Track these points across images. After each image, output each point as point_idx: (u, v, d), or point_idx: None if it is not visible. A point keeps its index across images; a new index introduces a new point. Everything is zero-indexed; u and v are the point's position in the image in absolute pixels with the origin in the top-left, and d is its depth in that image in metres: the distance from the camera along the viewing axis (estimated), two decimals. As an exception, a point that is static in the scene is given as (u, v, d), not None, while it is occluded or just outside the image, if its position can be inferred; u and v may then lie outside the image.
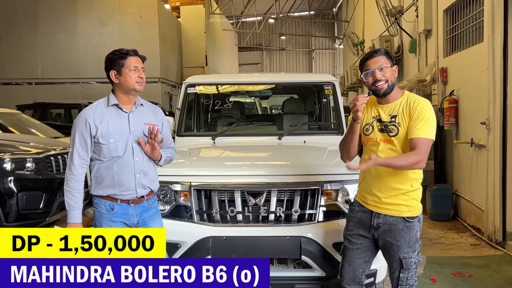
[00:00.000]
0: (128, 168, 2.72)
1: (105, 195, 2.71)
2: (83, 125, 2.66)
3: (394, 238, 2.59)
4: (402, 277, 2.61)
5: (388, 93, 2.59)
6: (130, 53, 2.72)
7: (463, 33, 6.49)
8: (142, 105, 2.85)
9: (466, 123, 6.23)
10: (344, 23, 21.26)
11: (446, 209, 6.53)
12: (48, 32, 15.64)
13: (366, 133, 2.69)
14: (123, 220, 2.74)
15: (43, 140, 6.33)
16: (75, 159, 2.65)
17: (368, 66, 2.59)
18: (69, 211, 2.65)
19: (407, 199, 2.58)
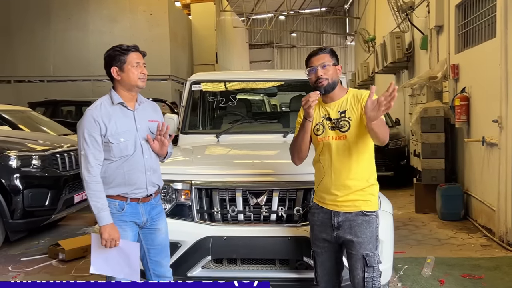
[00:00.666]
0: (138, 166, 2.70)
1: (115, 195, 2.67)
2: (92, 125, 2.59)
3: (355, 234, 2.56)
4: (367, 277, 2.54)
5: (328, 90, 2.61)
6: (131, 49, 2.67)
7: (475, 29, 6.35)
8: (143, 102, 2.83)
9: (478, 121, 6.09)
10: (355, 20, 21.08)
11: (457, 209, 6.40)
12: (60, 29, 15.75)
13: (317, 133, 2.67)
14: (133, 219, 2.73)
15: (50, 138, 6.34)
16: (91, 160, 2.58)
17: (311, 63, 2.63)
18: (99, 214, 2.59)
19: (363, 194, 2.58)
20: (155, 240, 2.84)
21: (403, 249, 5.15)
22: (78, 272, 4.58)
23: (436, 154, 6.83)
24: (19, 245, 5.45)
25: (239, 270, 3.14)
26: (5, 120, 7.43)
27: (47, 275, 4.55)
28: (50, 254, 5.04)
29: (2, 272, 4.62)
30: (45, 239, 5.72)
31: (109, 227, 2.59)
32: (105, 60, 2.69)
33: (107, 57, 2.68)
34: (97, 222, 2.61)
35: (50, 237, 5.82)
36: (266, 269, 3.14)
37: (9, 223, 4.87)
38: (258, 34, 28.93)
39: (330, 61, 2.62)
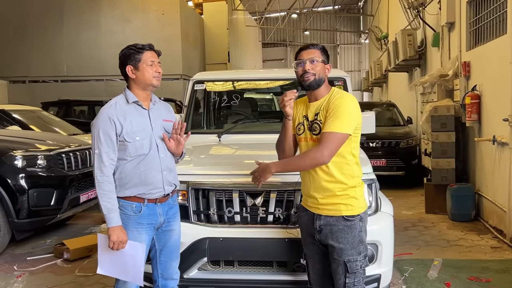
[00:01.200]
0: (154, 165, 2.67)
1: (132, 196, 2.64)
2: (107, 124, 2.57)
3: (336, 240, 2.49)
4: (348, 282, 2.49)
5: (313, 87, 2.54)
6: (146, 48, 2.66)
7: (486, 25, 6.20)
8: (157, 102, 2.82)
9: (489, 120, 5.95)
10: (369, 17, 20.86)
11: (468, 210, 6.26)
12: (72, 30, 15.90)
13: (298, 132, 2.66)
14: (150, 221, 2.69)
15: (58, 138, 6.38)
16: (105, 160, 2.56)
17: (301, 56, 2.58)
18: (108, 215, 2.55)
19: (344, 197, 2.50)
20: (169, 241, 2.81)
21: (411, 251, 5.06)
22: (82, 271, 4.59)
23: (446, 154, 6.70)
24: (26, 244, 5.50)
25: (236, 272, 3.10)
26: (15, 120, 7.52)
27: (52, 274, 4.57)
28: (55, 254, 5.07)
29: (8, 271, 4.66)
30: (52, 238, 5.76)
31: (118, 229, 2.56)
32: (120, 59, 2.68)
33: (122, 56, 2.67)
34: (106, 223, 2.58)
35: (57, 236, 5.86)
36: (263, 271, 3.09)
37: (15, 222, 4.91)
38: (271, 33, 28.85)
39: (319, 57, 2.56)
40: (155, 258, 2.83)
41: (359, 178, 2.58)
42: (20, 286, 4.26)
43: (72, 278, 4.44)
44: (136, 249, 2.63)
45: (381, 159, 8.71)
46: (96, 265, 4.70)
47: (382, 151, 8.74)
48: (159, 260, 2.83)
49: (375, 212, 3.13)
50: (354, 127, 2.48)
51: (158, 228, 2.76)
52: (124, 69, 2.66)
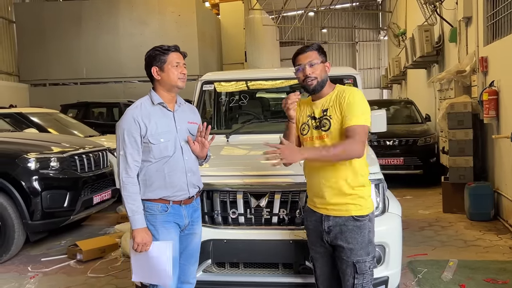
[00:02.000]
0: (179, 167, 2.66)
1: (157, 198, 2.62)
2: (132, 125, 2.56)
3: (346, 240, 2.45)
4: (356, 283, 2.44)
5: (317, 90, 2.53)
6: (171, 49, 2.66)
7: (504, 19, 6.02)
8: (182, 104, 2.81)
9: (508, 116, 5.77)
10: (388, 14, 20.57)
11: (486, 209, 6.10)
12: (91, 33, 16.14)
13: (303, 133, 2.63)
14: (176, 221, 2.67)
15: (73, 140, 6.46)
16: (130, 162, 2.56)
17: (299, 61, 2.55)
18: (133, 217, 2.54)
19: (353, 197, 2.46)
20: (190, 244, 2.78)
21: (426, 251, 4.95)
22: (94, 273, 4.63)
23: (463, 152, 6.54)
24: (41, 245, 5.59)
25: (242, 274, 3.07)
26: (32, 123, 7.65)
27: (64, 275, 4.62)
28: (69, 255, 5.13)
29: (22, 272, 4.73)
30: (67, 239, 5.84)
31: (142, 231, 2.55)
32: (145, 61, 2.67)
33: (147, 57, 2.66)
34: (131, 225, 2.56)
35: (72, 237, 5.93)
36: (269, 274, 3.05)
37: (29, 224, 4.98)
38: (288, 32, 28.72)
39: (318, 59, 2.53)
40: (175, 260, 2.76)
41: (367, 176, 2.54)
42: (32, 287, 4.32)
43: (84, 279, 4.48)
44: (162, 249, 2.59)
45: (398, 157, 8.56)
46: (108, 266, 4.78)
47: (400, 149, 8.59)
48: (178, 263, 2.76)
49: (382, 213, 3.06)
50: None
51: (182, 230, 2.73)
52: (149, 70, 2.65)
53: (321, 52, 2.58)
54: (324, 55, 2.58)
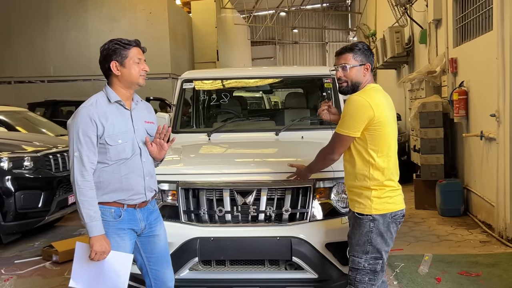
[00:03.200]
0: (136, 170, 2.52)
1: (111, 201, 2.47)
2: (88, 125, 2.37)
3: (349, 233, 2.65)
4: (350, 275, 2.59)
5: (347, 92, 2.63)
6: (132, 44, 2.50)
7: (472, 22, 6.24)
8: (139, 102, 2.66)
9: (477, 115, 5.99)
10: (357, 15, 20.92)
11: (457, 205, 6.31)
12: (59, 29, 15.74)
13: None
14: (131, 227, 2.54)
15: (45, 139, 6.31)
16: (86, 164, 2.37)
17: (335, 62, 2.66)
18: (90, 223, 2.36)
19: (360, 195, 2.56)
20: (155, 247, 2.66)
21: (401, 247, 5.09)
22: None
23: (435, 150, 6.74)
24: (14, 247, 5.43)
25: (228, 272, 3.09)
26: (0, 122, 7.40)
27: (40, 277, 4.51)
28: (44, 256, 5.01)
29: (-5, 275, 4.59)
30: (41, 241, 5.69)
31: (101, 238, 2.37)
32: (102, 54, 2.50)
33: (105, 50, 2.49)
34: (87, 232, 2.39)
35: (45, 238, 5.79)
36: (255, 270, 3.08)
37: (1, 225, 4.85)
38: (259, 31, 28.78)
39: (351, 62, 2.57)
40: (144, 266, 2.68)
41: (378, 181, 2.52)
42: (8, 289, 4.21)
43: (61, 281, 4.39)
44: (123, 260, 2.47)
45: (370, 156, 8.70)
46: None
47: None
48: (150, 269, 2.67)
49: None
50: (358, 128, 2.47)
51: (140, 234, 2.61)
52: (107, 64, 2.47)
53: (359, 53, 2.58)
54: (363, 56, 2.58)
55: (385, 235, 2.52)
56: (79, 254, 2.49)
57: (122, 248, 2.49)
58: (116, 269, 2.46)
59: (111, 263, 2.44)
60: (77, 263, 2.49)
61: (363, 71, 2.58)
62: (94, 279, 2.47)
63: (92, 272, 2.46)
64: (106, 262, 2.42)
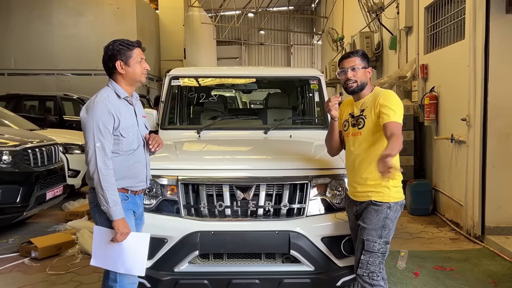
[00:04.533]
0: (141, 160, 2.77)
1: (120, 188, 2.65)
2: (107, 117, 2.57)
3: (363, 220, 2.77)
4: (363, 259, 2.74)
5: (356, 92, 2.86)
6: (135, 45, 2.71)
7: (444, 31, 6.58)
8: (137, 98, 2.87)
9: (446, 119, 6.32)
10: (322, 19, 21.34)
11: (426, 204, 6.63)
12: (21, 21, 15.18)
13: (344, 129, 2.98)
14: (134, 208, 2.76)
15: (19, 132, 6.12)
16: (108, 153, 2.56)
17: (343, 65, 2.87)
18: (114, 208, 2.53)
19: (376, 186, 2.74)
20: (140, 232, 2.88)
21: (377, 243, 5.29)
22: (53, 270, 4.47)
23: (406, 151, 7.04)
24: (-14, 244, 5.27)
25: (226, 265, 3.15)
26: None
27: (20, 273, 4.41)
28: (21, 252, 4.89)
29: (-28, 272, 4.45)
30: (15, 237, 5.54)
31: (123, 220, 2.58)
32: (106, 53, 2.67)
33: (109, 50, 2.66)
34: (111, 216, 2.54)
35: (19, 235, 5.64)
36: (253, 263, 3.16)
37: (-22, 220, 4.69)
38: (226, 31, 28.83)
39: (360, 64, 2.84)
40: None
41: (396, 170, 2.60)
42: (-11, 286, 4.09)
43: (44, 277, 4.31)
44: (141, 239, 2.67)
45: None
46: (67, 263, 4.62)
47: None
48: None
49: None
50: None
51: (136, 218, 2.81)
52: (112, 63, 2.66)
53: (364, 58, 2.89)
54: (367, 61, 2.89)
55: (395, 221, 2.80)
56: (97, 236, 2.64)
57: (130, 226, 2.67)
58: (135, 249, 2.64)
59: (130, 243, 2.62)
60: (96, 245, 2.65)
61: (367, 74, 2.88)
62: (114, 258, 2.63)
63: (112, 252, 2.62)
64: (126, 242, 2.60)
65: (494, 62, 5.16)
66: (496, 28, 5.14)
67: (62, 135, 7.71)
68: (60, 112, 10.98)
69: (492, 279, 4.21)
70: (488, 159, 5.23)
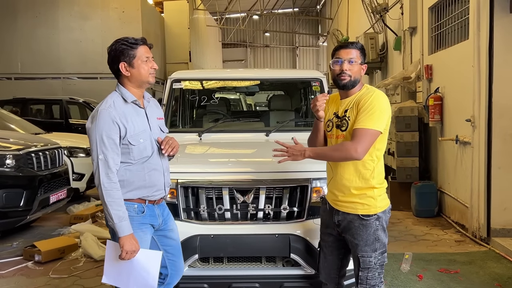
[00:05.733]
0: (157, 167, 2.60)
1: (136, 198, 2.53)
2: (111, 127, 2.40)
3: (352, 235, 2.56)
4: (361, 275, 2.57)
5: (348, 87, 2.57)
6: (139, 42, 2.50)
7: (448, 31, 6.53)
8: (150, 99, 2.70)
9: (451, 120, 6.27)
10: (328, 21, 21.30)
11: (431, 206, 6.57)
12: (27, 25, 15.32)
13: (327, 129, 2.70)
14: (151, 222, 2.60)
15: (23, 136, 6.16)
16: (111, 165, 2.40)
17: (339, 54, 2.57)
18: (119, 223, 2.38)
19: (362, 197, 2.53)
20: (171, 240, 2.76)
21: (381, 246, 5.24)
22: (56, 273, 4.47)
23: (410, 153, 6.99)
24: (-9, 247, 5.29)
25: (226, 269, 3.14)
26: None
27: (23, 277, 4.42)
28: (25, 256, 4.90)
29: (-25, 275, 4.47)
30: (19, 241, 5.55)
31: (131, 237, 2.42)
32: (110, 55, 2.50)
33: (112, 51, 2.49)
34: (116, 232, 2.41)
35: (23, 238, 5.65)
36: (253, 267, 3.15)
37: (-18, 224, 4.71)
38: (231, 33, 28.86)
39: (358, 59, 2.56)
40: (164, 259, 2.73)
41: (380, 179, 2.57)
42: (-8, 290, 4.10)
43: (46, 281, 4.32)
44: (152, 257, 2.53)
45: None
46: (70, 267, 4.63)
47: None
48: (168, 260, 2.75)
49: None
50: (385, 125, 2.50)
51: (157, 229, 2.68)
52: (116, 66, 2.49)
53: (362, 53, 2.61)
54: (364, 57, 2.61)
55: (386, 228, 2.61)
56: (110, 252, 2.53)
57: (144, 242, 2.55)
58: (146, 267, 2.51)
59: (141, 261, 2.49)
60: (108, 260, 2.54)
61: (361, 71, 2.61)
62: (125, 276, 2.52)
63: (123, 269, 2.51)
64: (136, 260, 2.47)
65: (498, 62, 5.11)
66: (501, 28, 5.09)
67: (67, 139, 7.75)
68: (66, 115, 11.06)
69: (498, 282, 4.16)
70: (493, 160, 5.17)
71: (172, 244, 2.77)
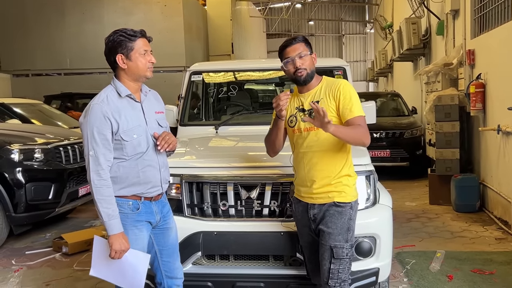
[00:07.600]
0: (153, 163, 2.51)
1: (130, 195, 2.46)
2: (102, 122, 2.33)
3: (326, 225, 2.51)
4: (333, 268, 2.47)
5: (308, 81, 2.57)
6: (138, 35, 2.43)
7: (491, 12, 6.05)
8: (148, 92, 2.60)
9: (494, 109, 5.82)
10: (374, 6, 20.61)
11: (472, 200, 6.16)
12: (75, 22, 15.87)
13: (290, 125, 2.64)
14: (147, 219, 2.53)
15: (58, 131, 6.34)
16: (102, 162, 2.33)
17: (287, 54, 2.56)
18: (109, 222, 2.34)
19: (337, 185, 2.52)
20: (168, 240, 2.67)
21: (413, 243, 4.98)
22: (80, 265, 4.56)
23: (450, 144, 6.59)
24: (25, 238, 5.49)
25: (232, 267, 3.04)
26: (15, 114, 7.48)
27: (49, 268, 4.55)
28: (54, 248, 5.05)
29: (6, 265, 4.64)
30: (52, 232, 5.74)
31: (120, 236, 2.36)
32: (107, 46, 2.42)
33: (110, 42, 2.41)
34: (106, 230, 2.37)
35: (57, 230, 5.84)
36: (259, 266, 3.03)
37: (12, 216, 4.89)
38: (275, 23, 28.61)
39: (306, 51, 2.55)
40: (156, 259, 2.66)
41: (352, 167, 2.60)
42: (16, 280, 4.24)
43: (70, 272, 4.41)
44: (140, 259, 2.48)
45: (385, 149, 8.62)
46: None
47: (386, 142, 8.65)
48: (161, 261, 2.67)
49: (373, 204, 3.05)
50: None
51: (154, 226, 2.61)
52: (113, 57, 2.41)
53: (308, 43, 2.61)
54: (310, 47, 2.61)
55: (355, 220, 2.58)
56: (97, 248, 2.49)
57: (140, 240, 2.50)
58: (134, 267, 2.47)
59: (129, 260, 2.44)
60: (95, 256, 2.50)
61: (313, 61, 2.59)
62: (113, 272, 2.50)
63: (110, 266, 2.48)
64: (125, 259, 2.42)
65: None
66: (547, 7, 4.64)
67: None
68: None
69: (537, 285, 3.81)
70: (538, 152, 4.74)
71: (168, 244, 2.68)
